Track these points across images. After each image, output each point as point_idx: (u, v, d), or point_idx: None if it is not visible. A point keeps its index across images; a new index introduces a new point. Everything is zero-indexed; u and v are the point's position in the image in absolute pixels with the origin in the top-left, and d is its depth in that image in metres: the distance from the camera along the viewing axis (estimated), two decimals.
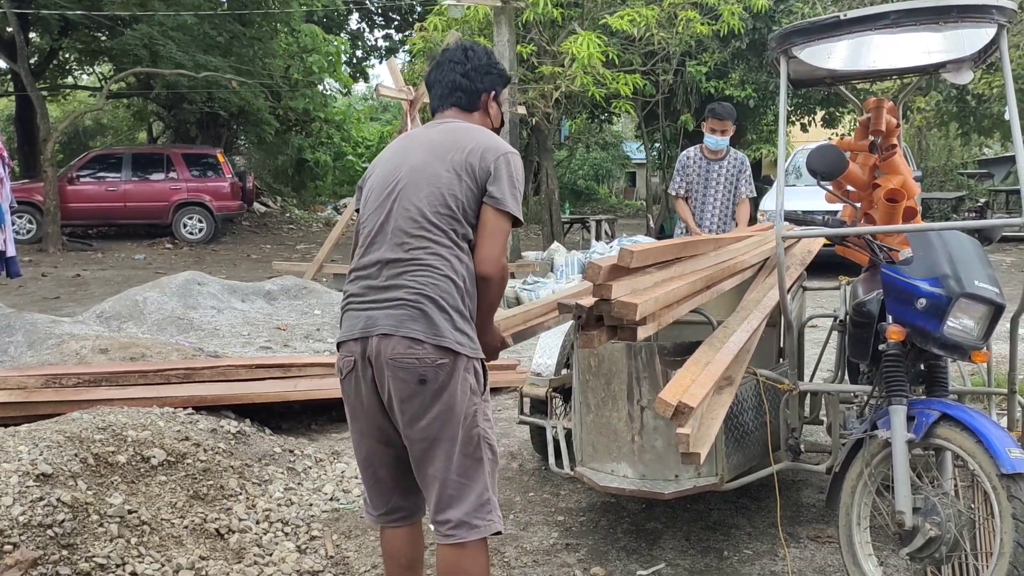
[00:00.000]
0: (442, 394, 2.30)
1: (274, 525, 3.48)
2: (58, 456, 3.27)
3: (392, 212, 2.38)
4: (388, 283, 2.33)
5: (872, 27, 2.97)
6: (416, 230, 2.34)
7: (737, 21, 12.89)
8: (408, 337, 2.28)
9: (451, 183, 2.36)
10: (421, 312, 2.29)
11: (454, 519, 2.33)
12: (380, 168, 2.53)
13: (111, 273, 12.79)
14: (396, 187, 2.41)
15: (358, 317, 2.35)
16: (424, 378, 2.29)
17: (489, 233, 2.37)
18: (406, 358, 2.28)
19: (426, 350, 2.28)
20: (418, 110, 9.67)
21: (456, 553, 2.34)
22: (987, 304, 2.74)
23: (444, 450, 2.33)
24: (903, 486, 2.63)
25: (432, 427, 2.31)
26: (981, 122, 17.84)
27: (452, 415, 2.32)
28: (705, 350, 3.06)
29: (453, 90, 2.56)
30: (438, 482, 2.34)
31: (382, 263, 2.36)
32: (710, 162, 5.68)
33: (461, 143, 2.42)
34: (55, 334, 5.63)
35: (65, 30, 17.81)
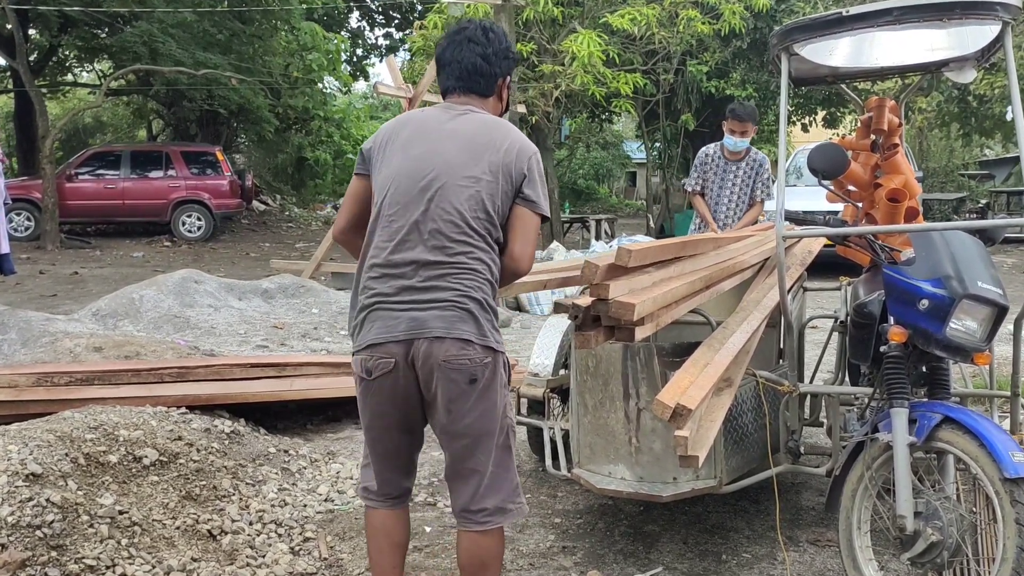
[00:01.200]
0: (488, 392, 2.38)
1: (267, 526, 3.44)
2: (48, 456, 3.23)
3: (430, 212, 2.33)
4: (429, 284, 2.32)
5: (875, 23, 2.93)
6: (458, 234, 2.32)
7: (738, 20, 12.85)
8: (460, 339, 2.31)
9: (491, 187, 2.36)
10: (469, 313, 2.32)
11: (491, 507, 2.42)
12: (403, 154, 2.42)
13: (109, 271, 12.74)
14: (432, 184, 2.35)
15: (397, 318, 2.32)
16: (475, 378, 2.34)
17: (524, 232, 2.41)
18: (459, 359, 2.32)
19: (476, 351, 2.33)
20: (417, 107, 9.63)
21: (488, 538, 2.45)
22: (990, 305, 2.70)
23: (486, 444, 2.40)
24: (904, 490, 2.59)
25: (478, 423, 2.38)
26: (982, 123, 17.82)
27: (495, 410, 2.41)
28: (704, 351, 3.02)
29: (472, 73, 2.48)
30: (478, 475, 2.42)
31: (418, 264, 2.32)
32: (728, 162, 5.61)
33: (496, 142, 2.39)
34: (49, 332, 5.59)
35: (64, 27, 17.76)
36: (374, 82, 10.01)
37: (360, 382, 2.42)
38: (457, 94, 2.51)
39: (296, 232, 19.73)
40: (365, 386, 2.41)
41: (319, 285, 9.48)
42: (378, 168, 2.45)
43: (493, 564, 2.50)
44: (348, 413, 5.12)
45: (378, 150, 2.47)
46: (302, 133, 24.37)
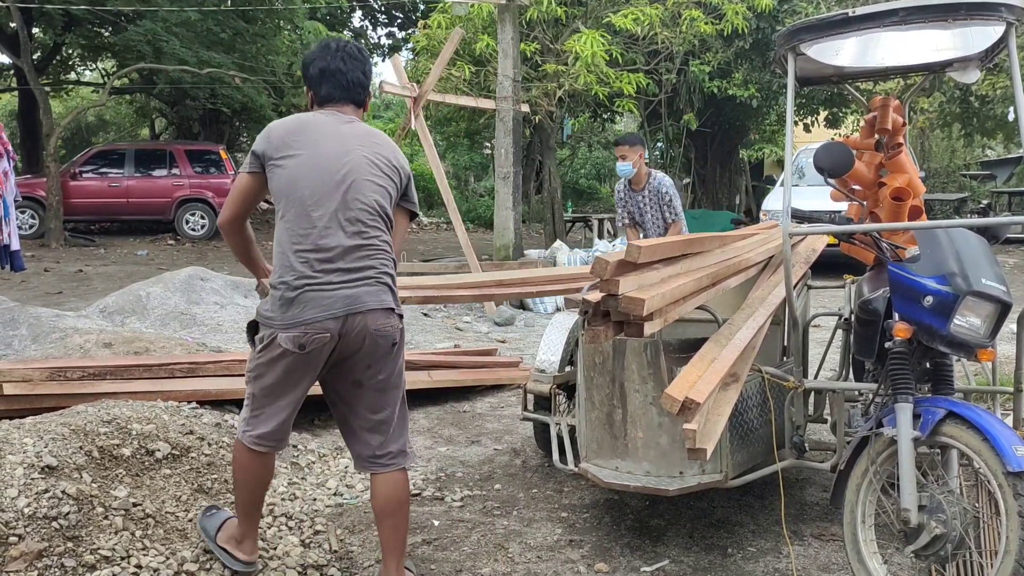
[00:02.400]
0: (400, 352, 2.83)
1: (278, 519, 3.48)
2: (63, 449, 3.27)
3: (347, 202, 2.67)
4: (355, 265, 2.67)
5: (881, 24, 2.96)
6: (371, 221, 2.71)
7: (741, 21, 12.88)
8: (385, 308, 2.73)
9: (389, 185, 2.78)
10: (386, 287, 2.74)
11: (395, 450, 2.87)
12: (312, 151, 2.68)
13: (113, 269, 12.78)
14: (347, 179, 2.68)
15: (332, 297, 2.63)
16: (395, 342, 2.78)
17: (401, 228, 2.89)
18: (386, 327, 2.73)
19: (394, 318, 2.77)
20: (421, 106, 9.66)
21: (403, 476, 2.91)
22: (994, 302, 2.74)
23: (394, 396, 2.85)
24: (909, 483, 2.63)
25: (393, 380, 2.82)
26: (984, 123, 17.81)
27: (402, 369, 2.87)
28: (711, 347, 3.06)
29: (356, 86, 2.82)
30: (386, 424, 2.84)
31: (344, 248, 2.65)
32: (634, 192, 5.81)
33: (386, 151, 2.80)
34: (59, 328, 5.62)
35: (68, 25, 17.79)
36: (379, 81, 10.05)
37: (286, 355, 2.65)
38: (338, 104, 2.83)
39: None
40: (294, 358, 2.66)
41: None
42: (278, 166, 2.68)
43: (407, 502, 2.94)
44: None
45: (275, 150, 2.70)
46: None
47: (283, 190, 2.67)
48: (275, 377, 2.72)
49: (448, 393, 5.65)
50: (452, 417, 5.29)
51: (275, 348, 2.66)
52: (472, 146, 26.26)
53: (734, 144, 20.93)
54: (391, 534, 2.87)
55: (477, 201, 24.90)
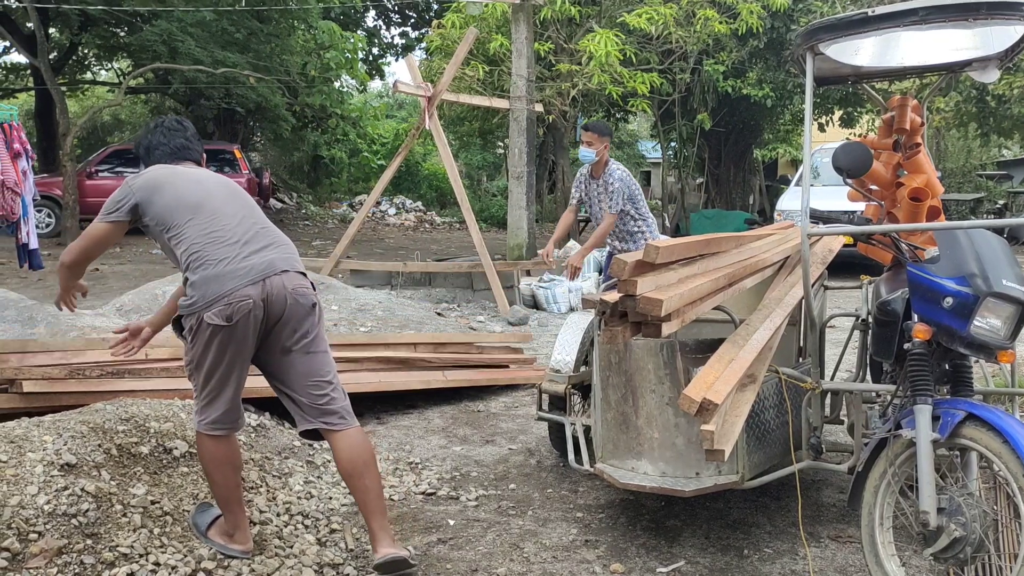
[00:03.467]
0: (321, 317, 3.05)
1: (294, 518, 3.49)
2: (82, 446, 3.29)
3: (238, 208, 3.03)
4: (265, 240, 2.97)
5: (900, 23, 2.94)
6: (256, 216, 3.07)
7: (755, 20, 12.84)
8: (300, 272, 2.99)
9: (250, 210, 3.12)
10: (295, 254, 3.04)
11: (338, 410, 3.03)
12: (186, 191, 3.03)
13: (129, 267, 12.86)
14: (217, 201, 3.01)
15: (246, 266, 2.85)
16: (314, 302, 2.99)
17: None
18: (302, 287, 2.96)
19: (308, 280, 3.01)
20: (435, 106, 9.67)
21: (358, 434, 3.04)
22: (1015, 304, 2.71)
23: (326, 360, 3.03)
24: (928, 486, 2.61)
25: (318, 342, 3.01)
26: (1001, 123, 17.69)
27: (324, 333, 3.07)
28: (728, 347, 3.05)
29: (183, 149, 3.28)
30: (327, 384, 3.01)
31: (254, 233, 2.97)
32: (593, 180, 5.84)
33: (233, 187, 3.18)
34: (76, 326, 5.65)
35: (85, 25, 17.91)
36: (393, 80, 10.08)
37: (216, 332, 2.82)
38: (185, 163, 3.26)
39: (313, 230, 19.84)
40: (223, 332, 2.83)
41: (338, 282, 9.53)
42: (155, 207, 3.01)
43: (373, 461, 3.05)
44: (369, 408, 5.18)
45: (148, 199, 3.05)
46: (318, 131, 24.47)
47: (171, 212, 2.98)
48: (212, 359, 2.88)
49: (462, 392, 5.65)
50: (467, 416, 5.29)
51: (204, 330, 2.83)
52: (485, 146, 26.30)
53: (748, 144, 20.87)
54: (364, 495, 2.97)
55: (490, 201, 24.92)
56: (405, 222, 22.43)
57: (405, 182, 26.95)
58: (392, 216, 23.07)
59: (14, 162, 7.83)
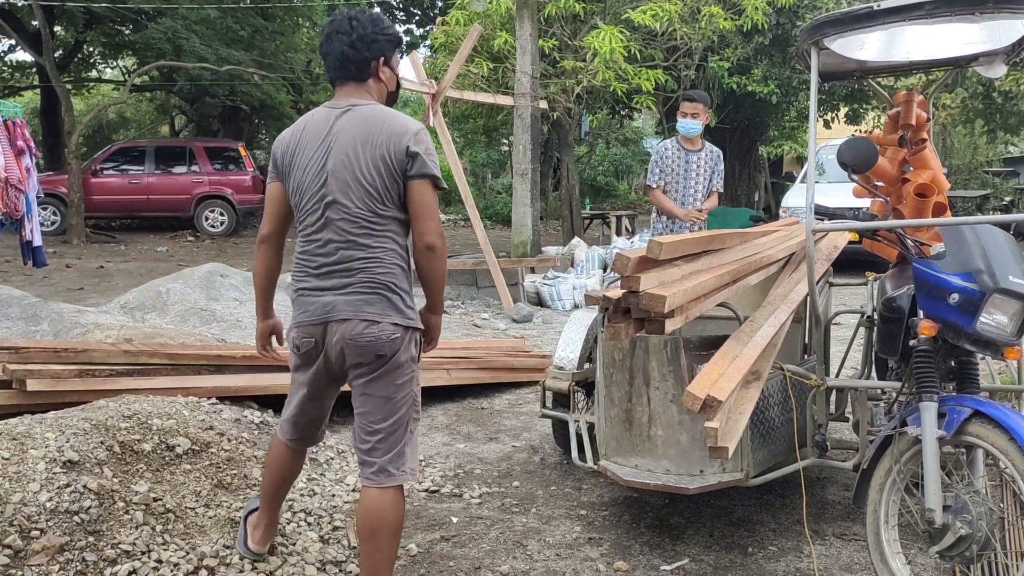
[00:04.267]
0: (394, 367, 2.64)
1: (297, 515, 3.48)
2: (84, 443, 3.29)
3: (332, 212, 2.59)
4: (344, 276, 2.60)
5: (907, 17, 2.92)
6: (357, 229, 2.58)
7: (761, 16, 12.77)
8: (366, 320, 2.58)
9: (376, 178, 2.56)
10: (376, 296, 2.59)
11: (377, 464, 2.64)
12: (303, 160, 2.64)
13: (134, 265, 12.88)
14: (328, 186, 2.59)
15: (315, 303, 2.63)
16: (381, 353, 2.61)
17: (422, 208, 2.59)
18: (363, 337, 2.59)
19: (380, 327, 2.59)
20: (439, 103, 9.66)
21: (378, 495, 2.64)
22: (1021, 300, 2.69)
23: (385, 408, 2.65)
24: (934, 483, 2.60)
25: (382, 389, 2.65)
26: (1007, 119, 17.62)
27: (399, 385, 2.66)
28: (732, 344, 3.03)
29: (344, 62, 2.66)
30: (375, 435, 2.65)
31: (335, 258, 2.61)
32: (688, 152, 5.64)
33: (373, 138, 2.57)
34: (80, 323, 5.66)
35: (90, 23, 17.95)
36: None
37: (293, 351, 2.76)
38: (339, 84, 2.71)
39: None
40: (295, 356, 2.75)
41: None
42: (290, 173, 2.68)
43: (384, 531, 2.63)
44: None
45: (284, 156, 2.70)
46: None
47: (292, 199, 2.72)
48: (292, 368, 2.82)
49: (466, 390, 5.64)
50: (470, 414, 5.28)
51: (289, 343, 2.78)
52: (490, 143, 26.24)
53: (753, 141, 20.81)
54: (365, 560, 2.66)
55: (495, 198, 24.90)
56: None
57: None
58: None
59: (18, 159, 7.84)
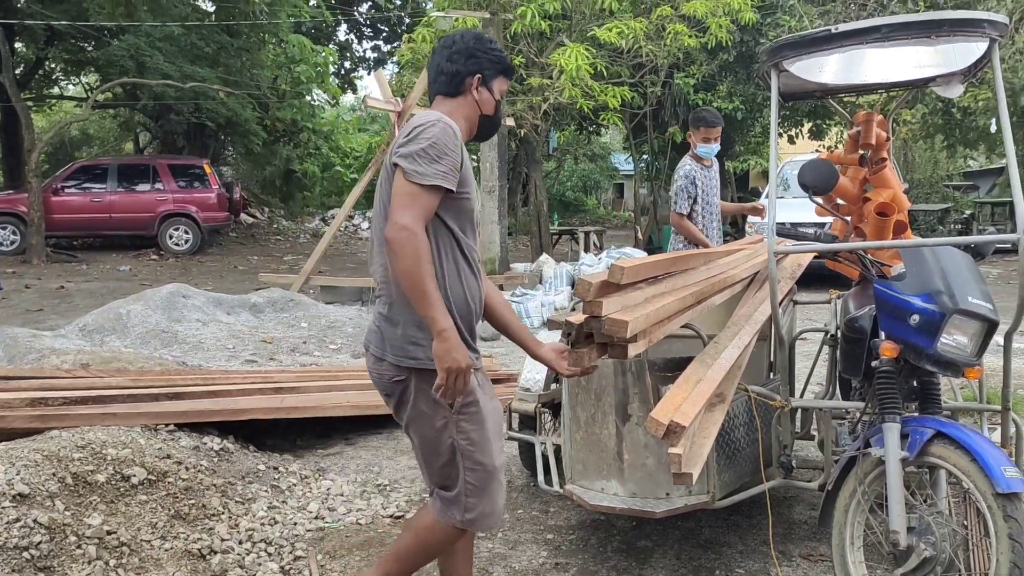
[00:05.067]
0: (406, 405, 2.42)
1: (257, 545, 3.40)
2: (35, 476, 3.19)
3: (378, 227, 2.43)
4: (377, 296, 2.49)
5: (864, 40, 2.94)
6: (380, 247, 2.40)
7: (725, 34, 12.91)
8: (374, 355, 2.43)
9: (387, 188, 2.36)
10: (378, 329, 2.42)
11: (441, 499, 2.50)
12: None
13: (96, 285, 12.66)
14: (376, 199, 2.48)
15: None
16: (388, 392, 2.45)
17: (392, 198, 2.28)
18: (375, 372, 2.45)
19: (383, 365, 2.40)
20: (406, 120, 9.63)
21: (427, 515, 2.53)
22: (981, 320, 2.71)
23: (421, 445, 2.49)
24: (897, 505, 2.59)
25: (411, 427, 2.47)
26: (966, 134, 17.95)
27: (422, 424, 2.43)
28: (696, 367, 3.01)
29: (438, 75, 2.53)
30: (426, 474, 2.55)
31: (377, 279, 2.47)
32: (708, 170, 5.57)
33: (397, 141, 2.36)
34: (36, 349, 5.54)
35: (51, 40, 17.71)
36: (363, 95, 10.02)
37: None
38: (433, 100, 2.57)
39: (285, 245, 19.67)
40: None
41: (308, 299, 9.44)
42: None
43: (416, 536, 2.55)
44: (338, 429, 5.09)
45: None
46: (290, 145, 24.33)
47: None
48: None
49: None
50: None
51: None
52: None
53: (719, 156, 20.96)
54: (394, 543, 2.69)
55: None
56: None
57: None
58: (365, 230, 22.94)
59: None
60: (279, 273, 12.87)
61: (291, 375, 5.46)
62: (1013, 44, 13.21)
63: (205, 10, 19.80)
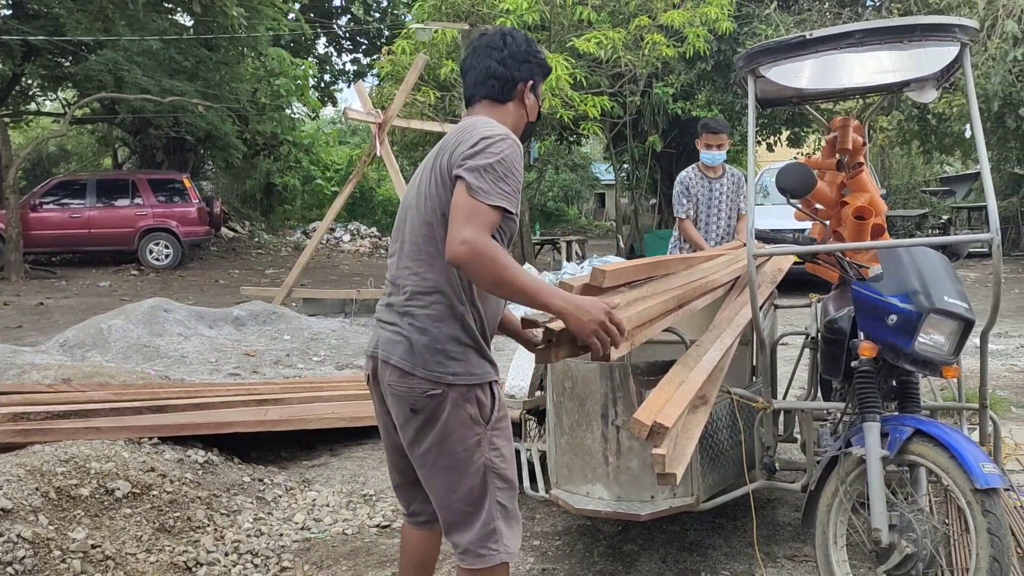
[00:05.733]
0: (435, 425, 2.21)
1: (243, 557, 3.39)
2: (18, 490, 3.17)
3: (404, 239, 2.31)
4: (399, 306, 2.26)
5: (838, 46, 2.99)
6: (415, 253, 2.25)
7: (702, 43, 13.04)
8: (398, 368, 2.21)
9: (438, 195, 2.20)
10: (408, 341, 2.21)
11: (461, 544, 2.27)
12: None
13: (75, 301, 12.56)
14: (406, 212, 2.33)
15: (374, 334, 2.33)
16: (416, 409, 2.21)
17: (454, 213, 2.09)
18: (398, 387, 2.23)
19: (412, 379, 2.20)
20: (386, 133, 9.64)
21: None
22: (957, 319, 2.75)
23: (438, 477, 2.26)
24: (879, 503, 2.63)
25: (429, 455, 2.25)
26: (942, 140, 18.18)
27: (448, 447, 2.23)
28: (679, 369, 3.04)
29: (487, 78, 2.37)
30: (441, 508, 2.30)
31: (395, 286, 2.30)
32: (711, 180, 5.53)
33: (448, 143, 2.24)
34: (16, 364, 5.49)
35: (28, 56, 17.59)
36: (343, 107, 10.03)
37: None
38: (475, 102, 2.42)
39: (266, 258, 19.60)
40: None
41: (290, 311, 9.42)
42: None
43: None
44: (323, 440, 5.08)
45: None
46: (270, 159, 24.28)
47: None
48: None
49: None
50: None
51: None
52: None
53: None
54: None
55: None
56: (360, 248, 22.29)
57: (360, 208, 26.81)
58: (347, 243, 22.92)
59: None
60: (261, 286, 12.83)
61: (275, 387, 5.45)
62: (986, 51, 13.42)
63: (183, 24, 19.75)
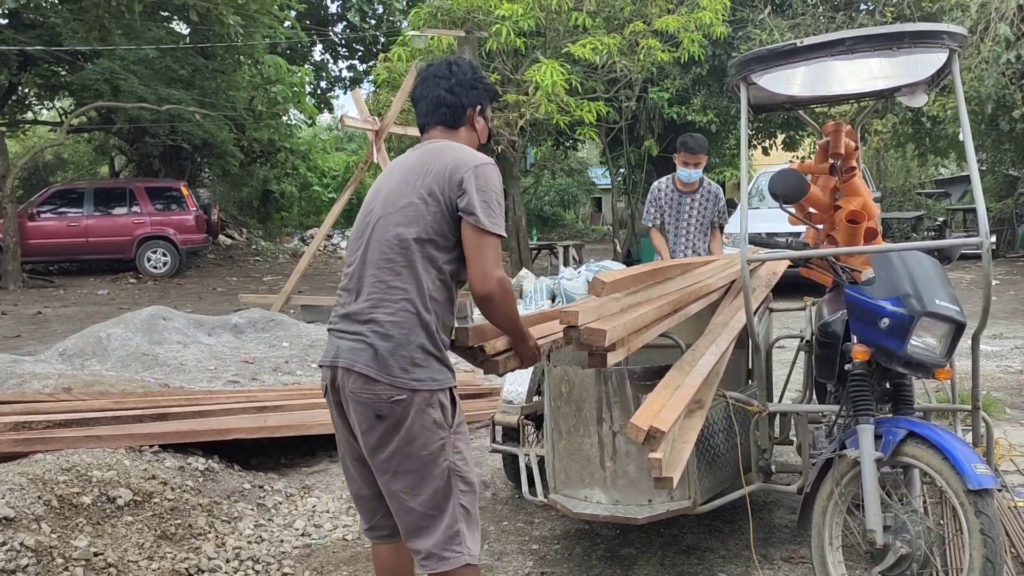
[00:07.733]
0: (399, 432, 2.27)
1: (244, 563, 3.42)
2: (21, 499, 3.19)
3: (369, 244, 2.38)
4: (362, 316, 2.32)
5: (829, 53, 3.03)
6: (386, 264, 2.32)
7: (697, 48, 13.08)
8: (364, 375, 2.27)
9: (425, 211, 2.32)
10: (374, 349, 2.27)
11: (423, 550, 2.32)
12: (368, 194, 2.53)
13: (73, 310, 12.57)
14: (371, 220, 2.41)
15: (332, 344, 2.38)
16: (381, 414, 2.27)
17: (472, 253, 2.31)
18: (363, 393, 2.28)
19: (378, 386, 2.26)
20: (383, 139, 9.68)
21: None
22: (948, 322, 2.79)
23: (402, 483, 2.32)
24: (873, 504, 2.66)
25: (393, 461, 2.30)
26: (937, 143, 18.24)
27: (413, 453, 2.29)
28: (675, 374, 3.07)
29: (438, 106, 2.52)
30: (402, 513, 2.34)
31: (357, 295, 2.36)
32: (682, 194, 5.60)
33: (431, 165, 2.37)
34: (16, 374, 5.51)
35: (24, 65, 17.62)
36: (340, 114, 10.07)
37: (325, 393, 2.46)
38: (429, 128, 2.56)
39: (264, 265, 19.62)
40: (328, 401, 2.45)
41: (289, 318, 9.44)
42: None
43: None
44: (322, 447, 5.10)
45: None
46: (267, 166, 24.30)
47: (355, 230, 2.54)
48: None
49: None
50: None
51: None
52: None
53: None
54: None
55: None
56: None
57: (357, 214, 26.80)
58: (344, 250, 22.95)
59: None
60: (259, 294, 12.85)
61: (274, 394, 5.47)
62: (979, 54, 13.48)
63: (179, 33, 19.79)
